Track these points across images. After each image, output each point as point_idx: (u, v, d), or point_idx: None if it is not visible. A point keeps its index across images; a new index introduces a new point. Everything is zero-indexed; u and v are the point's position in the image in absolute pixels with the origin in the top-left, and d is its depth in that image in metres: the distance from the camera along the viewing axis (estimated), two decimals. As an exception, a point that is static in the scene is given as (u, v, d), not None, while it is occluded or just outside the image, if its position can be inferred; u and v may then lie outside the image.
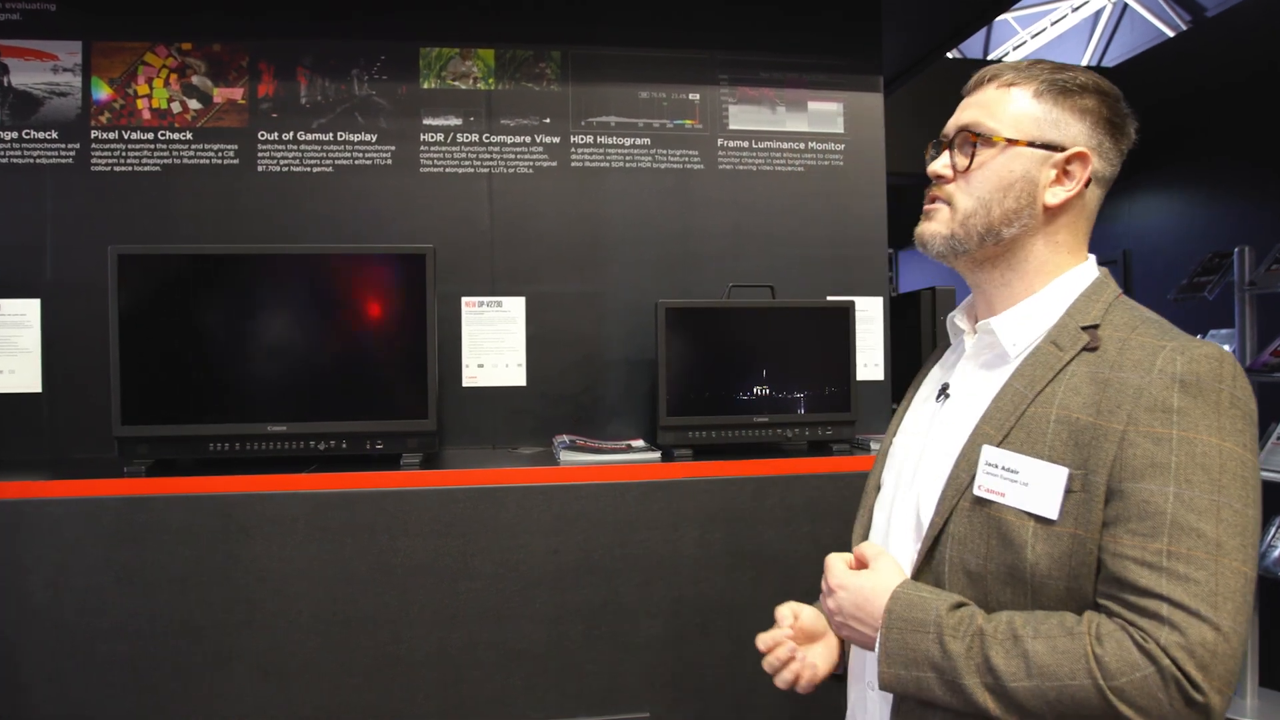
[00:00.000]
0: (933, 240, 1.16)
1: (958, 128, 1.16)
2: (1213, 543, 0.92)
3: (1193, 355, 0.98)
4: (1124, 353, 1.02)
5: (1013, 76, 1.14)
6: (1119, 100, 1.13)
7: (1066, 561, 1.00)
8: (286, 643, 2.09)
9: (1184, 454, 0.95)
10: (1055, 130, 1.11)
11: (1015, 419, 1.06)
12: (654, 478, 2.23)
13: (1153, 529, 0.94)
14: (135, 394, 2.20)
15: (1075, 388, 1.04)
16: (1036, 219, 1.11)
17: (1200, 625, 0.90)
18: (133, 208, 2.52)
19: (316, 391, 2.26)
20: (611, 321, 2.69)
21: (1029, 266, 1.13)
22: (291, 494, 2.11)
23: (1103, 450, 0.99)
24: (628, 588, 2.19)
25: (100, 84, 2.52)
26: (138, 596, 2.05)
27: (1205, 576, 0.91)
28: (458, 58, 2.63)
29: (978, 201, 1.12)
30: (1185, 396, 0.96)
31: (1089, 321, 1.07)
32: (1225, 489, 0.94)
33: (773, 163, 2.75)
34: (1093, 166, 1.10)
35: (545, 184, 2.67)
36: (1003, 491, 1.05)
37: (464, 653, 2.14)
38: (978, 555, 1.06)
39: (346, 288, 2.27)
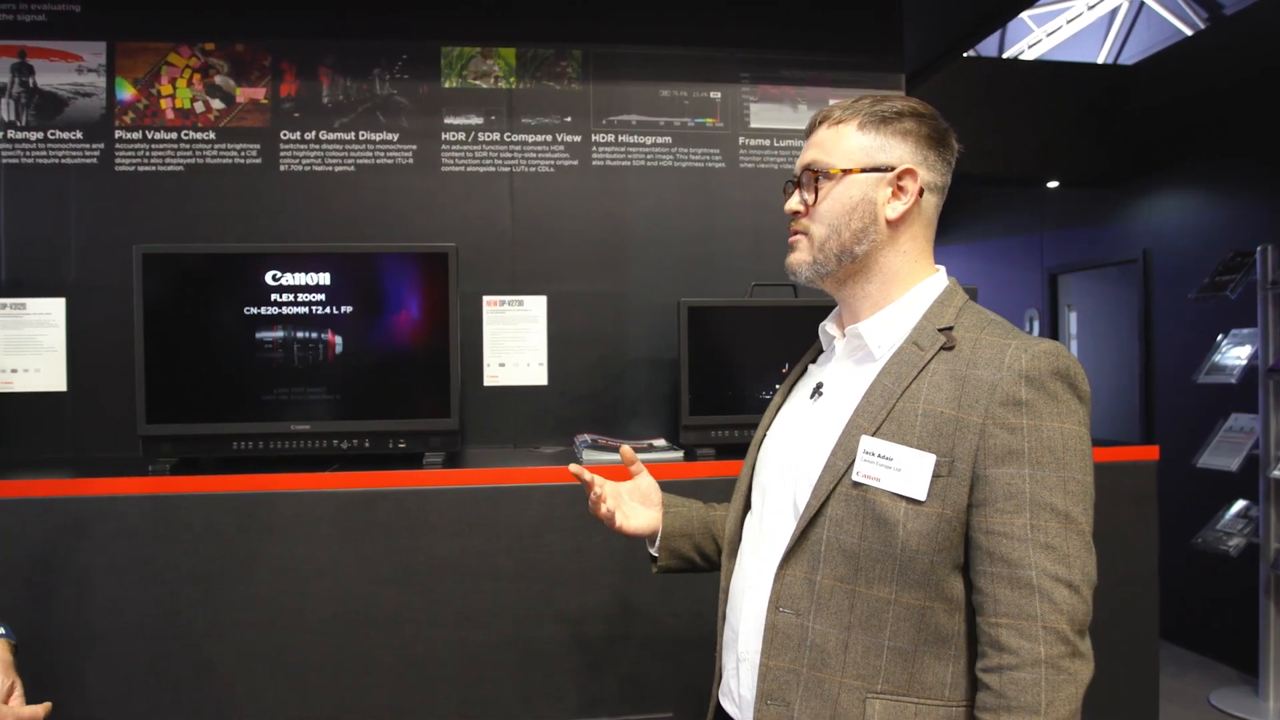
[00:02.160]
0: (799, 268, 1.30)
1: (802, 168, 1.29)
2: (1062, 513, 1.10)
3: (1034, 353, 1.14)
4: (976, 351, 1.17)
5: (839, 115, 1.27)
6: (935, 118, 1.28)
7: (933, 538, 1.14)
8: (308, 641, 2.10)
9: (1034, 440, 1.11)
10: (882, 154, 1.24)
11: (886, 412, 1.19)
12: (677, 477, 2.23)
13: (1016, 507, 1.11)
14: (160, 393, 2.22)
15: (938, 384, 1.17)
16: (882, 233, 1.24)
17: (1065, 590, 1.08)
18: (156, 207, 2.53)
19: (339, 390, 2.26)
20: (632, 320, 2.68)
21: (885, 277, 1.26)
22: (314, 493, 2.12)
23: (966, 440, 1.14)
24: (650, 588, 2.19)
25: (124, 84, 2.53)
26: (161, 594, 2.06)
27: (1061, 544, 1.09)
28: (479, 57, 2.63)
29: (829, 228, 1.25)
30: (1030, 389, 1.12)
31: (944, 324, 1.21)
32: (1068, 464, 1.11)
33: (794, 161, 2.73)
34: (922, 178, 1.24)
35: (566, 183, 2.67)
36: (878, 477, 1.18)
37: (485, 652, 2.14)
38: (853, 535, 1.18)
39: (370, 286, 2.28)
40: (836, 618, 1.19)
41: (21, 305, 2.48)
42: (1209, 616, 4.42)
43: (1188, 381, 4.15)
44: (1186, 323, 4.58)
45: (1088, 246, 5.33)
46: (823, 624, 1.20)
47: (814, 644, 1.20)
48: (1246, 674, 4.10)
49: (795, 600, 1.23)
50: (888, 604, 1.16)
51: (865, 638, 1.17)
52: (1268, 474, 3.75)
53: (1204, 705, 3.87)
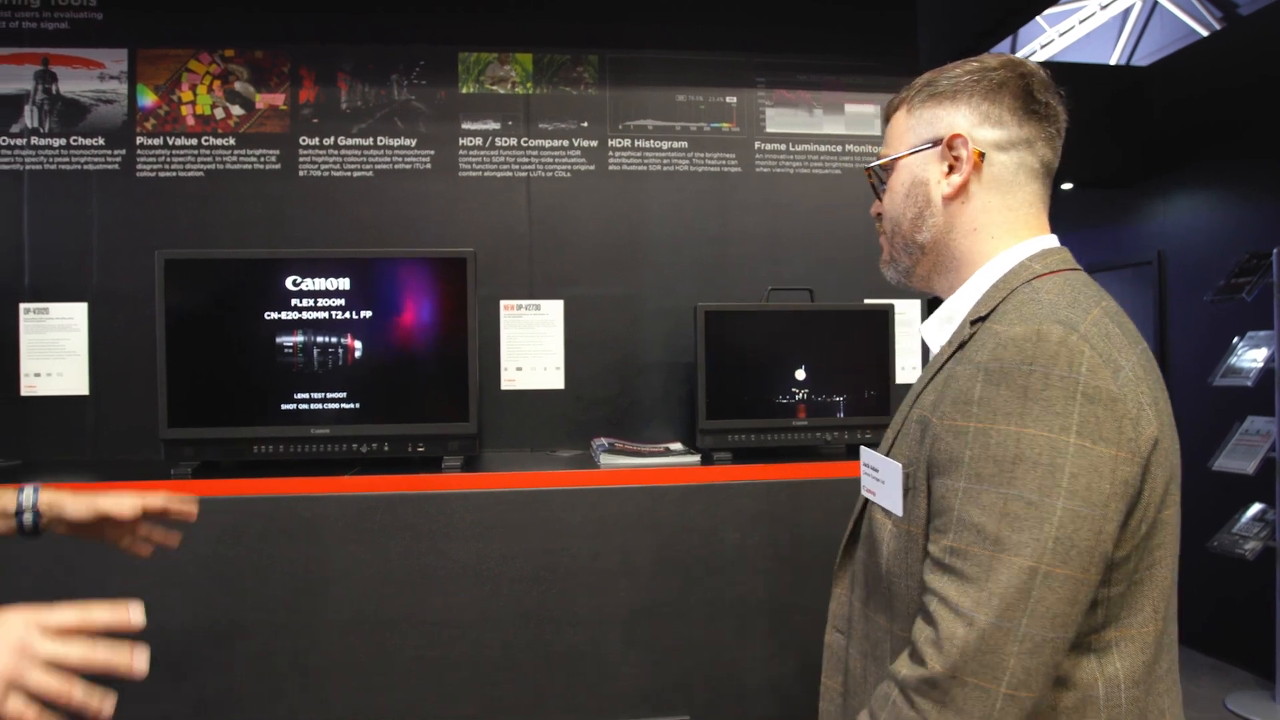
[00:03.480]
0: (885, 269, 1.23)
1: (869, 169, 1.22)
2: (990, 538, 0.89)
3: (1001, 339, 0.94)
4: (974, 343, 1.00)
5: (897, 102, 1.17)
6: (998, 68, 1.09)
7: (904, 558, 1.02)
8: (327, 643, 2.11)
9: (978, 447, 0.92)
10: (929, 128, 1.11)
11: (901, 423, 1.09)
12: (693, 481, 2.24)
13: (944, 525, 0.94)
14: (181, 397, 2.24)
15: (935, 385, 1.03)
16: (939, 214, 1.10)
17: (955, 621, 0.89)
18: (177, 213, 2.56)
19: (359, 395, 2.28)
20: (649, 324, 2.70)
21: (958, 262, 1.11)
22: (334, 496, 2.13)
23: (924, 444, 1.00)
24: (667, 591, 2.20)
25: (145, 91, 2.56)
26: (182, 597, 2.08)
27: (976, 572, 0.89)
28: (496, 62, 2.65)
29: (892, 222, 1.16)
30: (988, 385, 0.93)
31: (982, 314, 1.03)
32: (1017, 480, 0.89)
33: (810, 166, 2.75)
34: (979, 138, 1.07)
35: (583, 187, 2.68)
36: (873, 491, 1.09)
37: (503, 654, 2.15)
38: (866, 552, 1.11)
39: (390, 291, 2.30)
40: (860, 644, 1.12)
41: (45, 310, 2.51)
42: (1225, 620, 4.40)
43: (1203, 384, 4.14)
44: (1202, 325, 4.56)
45: (1102, 248, 5.32)
46: (855, 648, 1.13)
47: (850, 668, 1.15)
48: (1262, 678, 4.09)
49: (841, 620, 1.19)
50: (887, 634, 1.06)
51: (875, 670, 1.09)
52: (1284, 477, 3.74)
53: (1220, 709, 3.86)
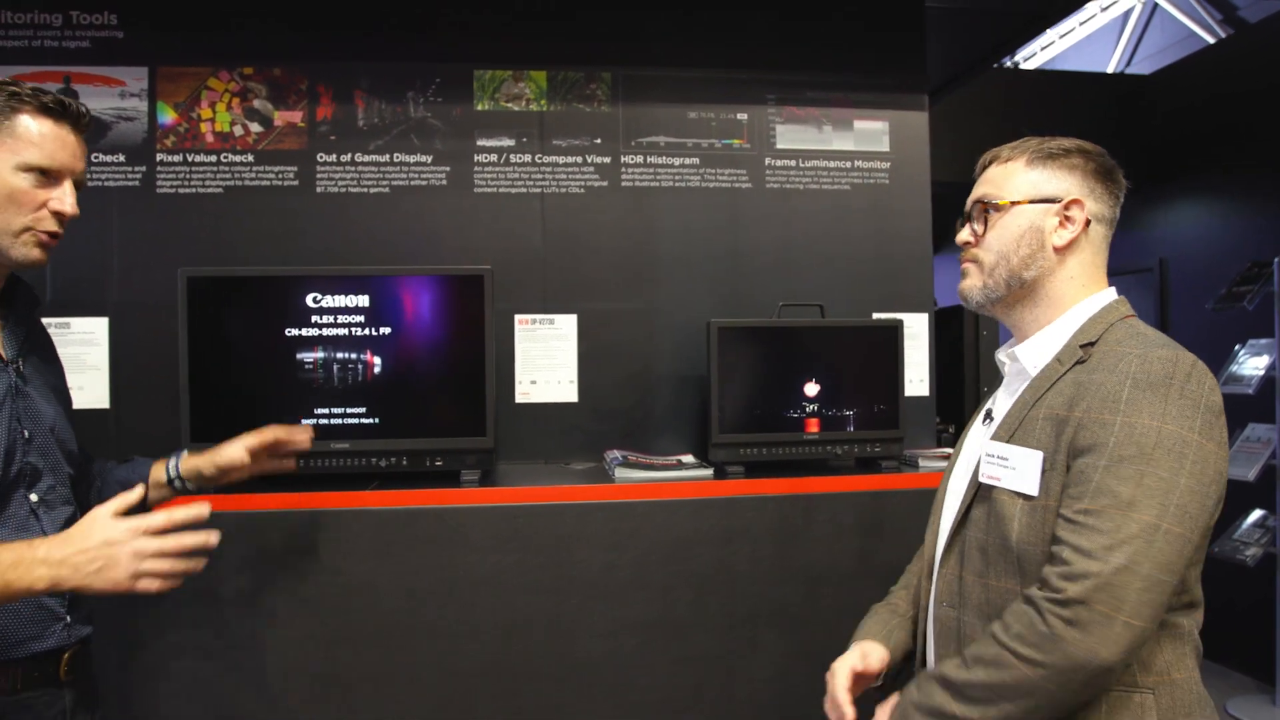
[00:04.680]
0: (970, 292, 1.41)
1: (973, 202, 1.41)
2: (1125, 501, 1.11)
3: (1149, 358, 1.18)
4: (1101, 360, 1.23)
5: (1009, 154, 1.38)
6: (1102, 154, 1.36)
7: (1040, 530, 1.21)
8: (351, 655, 2.15)
9: (1123, 434, 1.14)
10: (1049, 186, 1.34)
11: (1019, 422, 1.29)
12: (706, 495, 2.28)
13: (1080, 493, 1.15)
14: (203, 412, 2.27)
15: (1060, 390, 1.25)
16: (1050, 260, 1.33)
17: (1088, 560, 1.10)
18: (196, 229, 2.59)
19: (378, 410, 2.32)
20: (661, 338, 2.73)
21: (1050, 300, 1.35)
22: (355, 510, 2.17)
23: (1065, 434, 1.20)
24: (681, 602, 2.24)
25: (165, 108, 2.59)
26: (204, 612, 2.12)
27: (1110, 526, 1.10)
28: (510, 79, 2.69)
29: (998, 255, 1.36)
30: (1135, 390, 1.16)
31: (1088, 340, 1.27)
32: (1154, 460, 1.12)
33: (819, 181, 2.79)
34: (1089, 208, 1.32)
35: (596, 203, 2.72)
36: (998, 476, 1.28)
37: (522, 664, 2.20)
38: (983, 531, 1.30)
39: (408, 308, 2.33)
40: (979, 610, 1.29)
41: (66, 324, 2.55)
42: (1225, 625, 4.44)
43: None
44: (1203, 332, 4.60)
45: (1104, 254, 5.35)
46: (970, 616, 1.31)
47: (965, 635, 1.31)
48: (1263, 683, 4.13)
49: (950, 595, 1.35)
50: (1015, 595, 1.22)
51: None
52: (1285, 484, 3.78)
53: (1221, 713, 3.91)
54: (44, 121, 1.46)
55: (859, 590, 2.27)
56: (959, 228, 1.43)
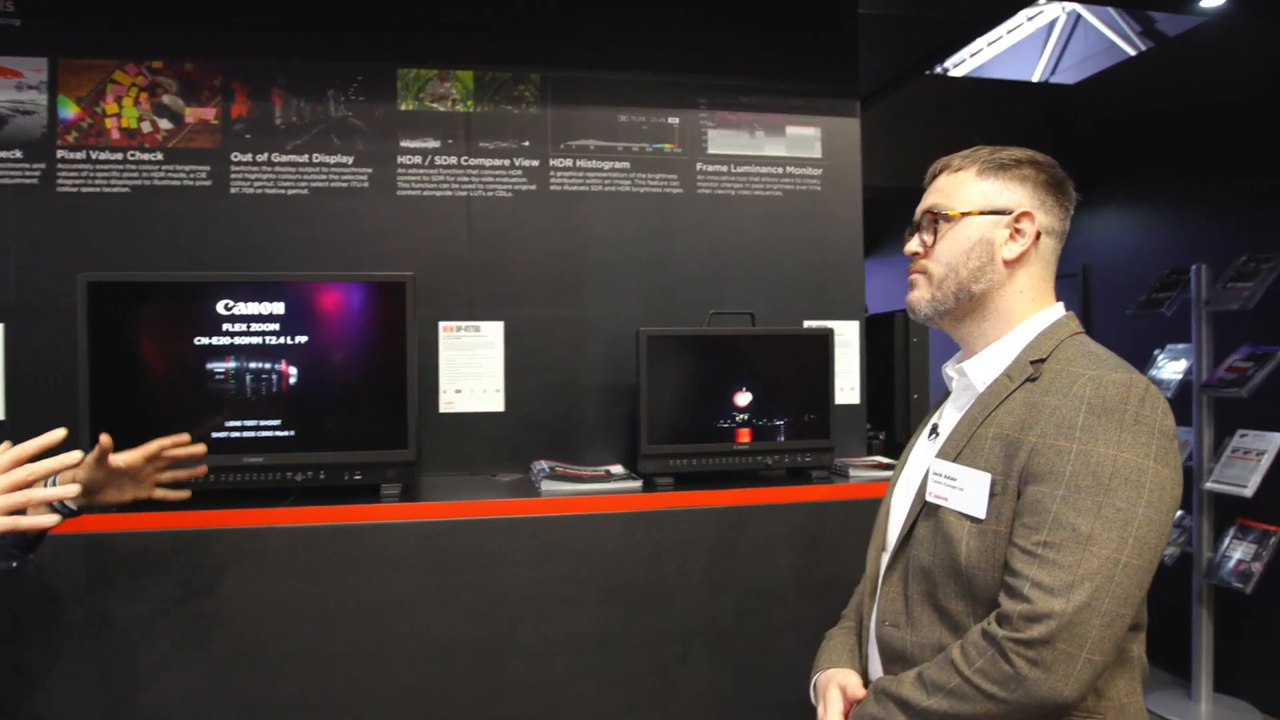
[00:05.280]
0: (919, 304, 1.37)
1: (922, 212, 1.37)
2: (1084, 535, 1.10)
3: (1103, 382, 1.16)
4: (1054, 381, 1.21)
5: (959, 163, 1.35)
6: (1054, 166, 1.34)
7: (990, 554, 1.18)
8: (264, 680, 2.06)
9: (1079, 463, 1.12)
10: (1000, 198, 1.31)
11: (967, 440, 1.26)
12: (635, 508, 2.24)
13: (1038, 524, 1.13)
14: (106, 425, 2.14)
15: (1011, 409, 1.23)
16: (999, 273, 1.30)
17: (1050, 599, 1.08)
18: (101, 230, 2.46)
19: (294, 422, 2.22)
20: (590, 346, 2.68)
21: (999, 314, 1.32)
22: (269, 528, 2.08)
23: (1018, 458, 1.18)
24: (610, 619, 2.19)
25: (67, 102, 2.45)
26: (109, 636, 2.00)
27: (1070, 561, 1.09)
28: (436, 79, 2.60)
29: (947, 267, 1.32)
30: (1090, 416, 1.14)
31: (1038, 356, 1.25)
32: (1112, 491, 1.11)
33: (751, 187, 2.76)
34: (1039, 221, 1.30)
35: (524, 208, 2.65)
36: (945, 496, 1.26)
37: (448, 686, 2.13)
38: (929, 552, 1.26)
39: (326, 316, 2.24)
40: (928, 630, 1.26)
41: (-43, 330, 2.40)
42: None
43: (1126, 395, 4.25)
44: (1125, 337, 4.70)
45: (1030, 260, 5.45)
46: (918, 636, 1.28)
47: (912, 656, 1.28)
48: (1180, 677, 4.23)
49: (895, 615, 1.32)
50: (968, 616, 1.21)
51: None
52: (1200, 486, 3.88)
53: (1140, 710, 3.99)
54: None
55: (792, 604, 2.27)
56: (907, 237, 1.39)
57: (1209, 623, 3.91)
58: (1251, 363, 3.74)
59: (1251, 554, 3.70)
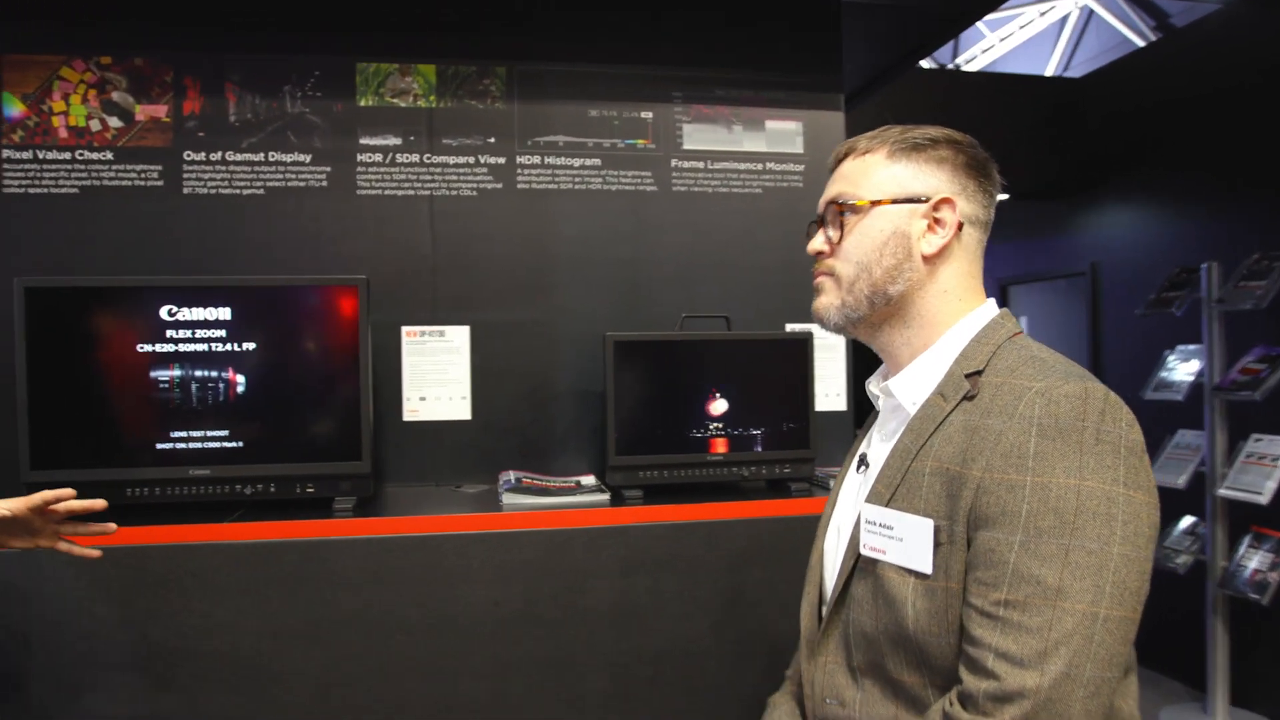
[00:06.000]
0: (826, 312, 1.18)
1: (825, 203, 1.19)
2: (1052, 589, 0.92)
3: (1053, 397, 0.98)
4: (995, 398, 1.03)
5: (866, 145, 1.17)
6: (974, 145, 1.16)
7: (943, 616, 1.00)
8: (205, 701, 1.95)
9: (1036, 500, 0.94)
10: (915, 183, 1.13)
11: (901, 476, 1.08)
12: (602, 523, 2.12)
13: (995, 579, 0.95)
14: (46, 436, 2.06)
15: (949, 437, 1.04)
16: (918, 271, 1.12)
17: (1021, 673, 0.91)
18: (49, 232, 2.36)
19: (242, 432, 2.12)
20: (560, 351, 2.56)
21: (923, 319, 1.14)
22: (213, 544, 1.97)
23: (963, 498, 1.00)
24: (574, 640, 2.08)
25: (12, 100, 2.36)
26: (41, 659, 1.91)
27: (1039, 623, 0.91)
28: (396, 74, 2.49)
29: (857, 266, 1.14)
30: (1043, 440, 0.96)
31: (974, 368, 1.08)
32: (1079, 530, 0.93)
33: (729, 184, 2.63)
34: (961, 209, 1.12)
35: (490, 207, 2.53)
36: (882, 549, 1.07)
37: (396, 711, 2.02)
38: (870, 616, 1.08)
39: (275, 322, 2.14)
40: (880, 707, 1.09)
41: (-100, 337, 2.30)
42: (1157, 633, 4.39)
43: (1135, 397, 4.12)
44: (1134, 337, 4.55)
45: (1037, 258, 5.29)
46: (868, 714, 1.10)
47: None
48: (1194, 689, 4.08)
49: (836, 691, 1.15)
50: (923, 688, 1.04)
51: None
52: (1214, 492, 3.72)
53: (1152, 724, 3.85)
54: None
55: (767, 624, 2.14)
56: (809, 235, 1.22)
57: (1224, 634, 3.76)
58: (1265, 364, 3.58)
59: (1268, 563, 3.55)
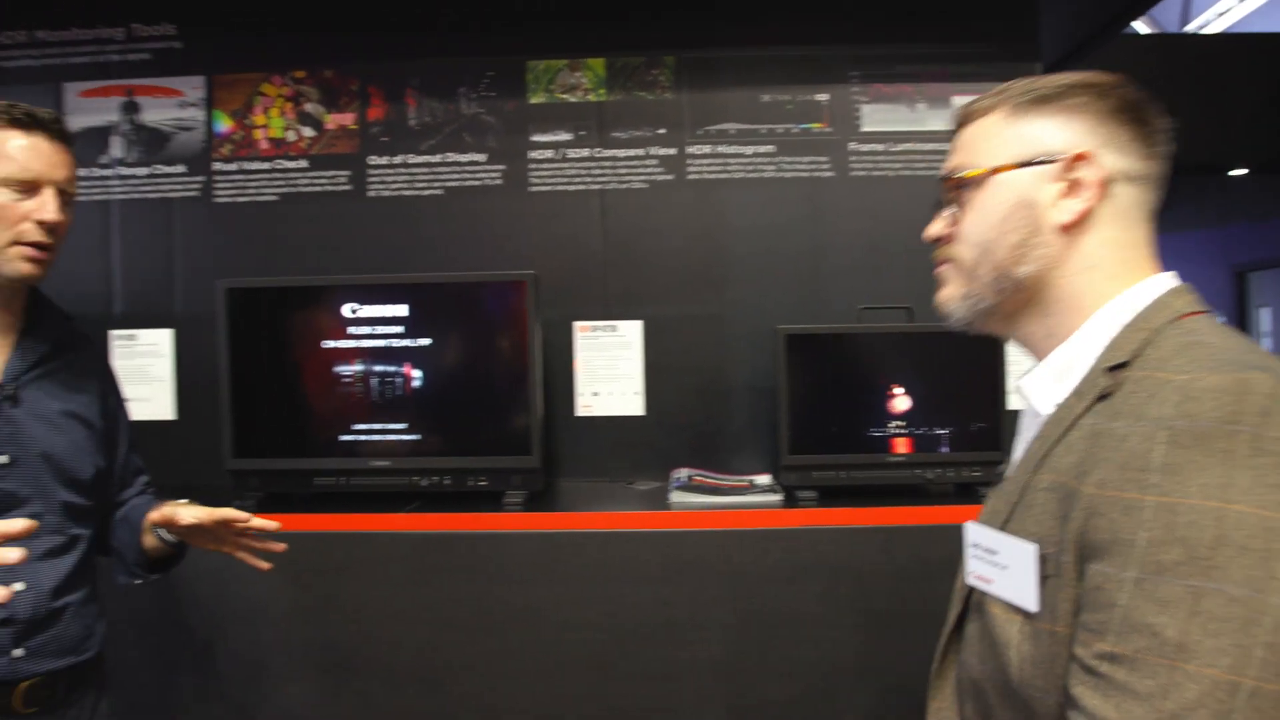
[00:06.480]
0: (949, 305, 1.01)
1: (942, 179, 1.01)
2: (1172, 645, 0.69)
3: (1192, 392, 0.75)
4: (1130, 395, 0.81)
5: (986, 104, 0.98)
6: (1120, 85, 0.93)
7: (1049, 667, 0.80)
8: (382, 687, 2.02)
9: (1159, 526, 0.72)
10: (1043, 140, 0.93)
11: (1020, 493, 0.88)
12: (771, 524, 2.03)
13: (1101, 624, 0.74)
14: (246, 427, 2.20)
15: (1071, 445, 0.84)
16: (1052, 245, 0.92)
17: None
18: (252, 237, 2.53)
19: (419, 426, 2.18)
20: (735, 345, 2.48)
21: (1065, 305, 0.93)
22: (389, 534, 2.04)
23: (1072, 520, 0.79)
24: (743, 645, 2.00)
25: (221, 116, 2.54)
26: (236, 632, 2.03)
27: (1150, 688, 0.70)
28: (566, 69, 2.49)
29: (977, 248, 0.96)
30: (1175, 449, 0.73)
31: (1119, 359, 0.85)
32: (1218, 569, 0.69)
33: (912, 167, 2.46)
34: (1106, 163, 0.90)
35: (660, 199, 2.49)
36: (989, 578, 0.89)
37: (567, 708, 2.01)
38: (977, 658, 0.91)
39: (448, 317, 2.19)
40: None
41: (133, 336, 2.54)
42: None
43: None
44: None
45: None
46: None
47: None
48: None
49: None
50: None
51: None
52: None
53: None
54: (15, 134, 1.44)
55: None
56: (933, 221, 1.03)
57: None
58: None
59: None
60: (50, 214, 1.45)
